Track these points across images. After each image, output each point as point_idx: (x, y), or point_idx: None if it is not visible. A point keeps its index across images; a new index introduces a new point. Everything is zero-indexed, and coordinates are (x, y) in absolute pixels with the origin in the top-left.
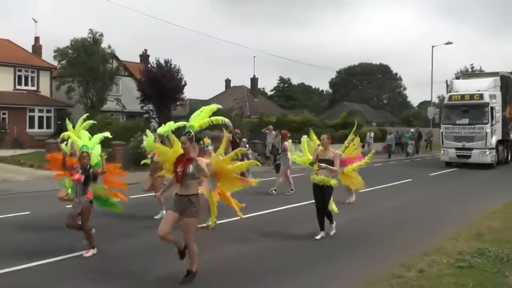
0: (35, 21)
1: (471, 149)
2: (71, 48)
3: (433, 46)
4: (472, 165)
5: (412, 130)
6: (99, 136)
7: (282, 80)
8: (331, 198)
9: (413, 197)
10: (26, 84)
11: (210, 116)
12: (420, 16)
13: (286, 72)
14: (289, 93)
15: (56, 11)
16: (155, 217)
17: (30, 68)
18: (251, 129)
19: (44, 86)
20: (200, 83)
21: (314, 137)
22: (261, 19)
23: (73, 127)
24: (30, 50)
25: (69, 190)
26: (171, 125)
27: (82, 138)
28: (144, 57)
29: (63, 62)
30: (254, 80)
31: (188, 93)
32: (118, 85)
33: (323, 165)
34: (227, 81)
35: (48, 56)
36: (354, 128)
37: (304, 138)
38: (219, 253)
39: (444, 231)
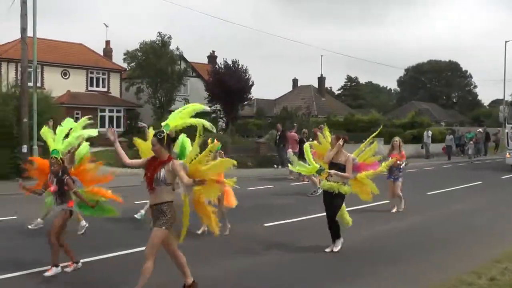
0: (106, 26)
1: None
2: (140, 50)
3: (506, 42)
4: None
5: (480, 129)
6: (75, 136)
7: (349, 79)
8: (343, 208)
9: (482, 201)
10: (97, 86)
11: (192, 117)
12: (492, 10)
13: (354, 70)
14: (356, 92)
15: (126, 16)
16: (135, 215)
17: (101, 70)
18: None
19: (114, 87)
20: (267, 83)
21: (328, 134)
22: (328, 17)
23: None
24: (101, 53)
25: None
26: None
27: (56, 139)
28: (212, 58)
29: (133, 64)
30: (321, 79)
31: (255, 93)
32: (186, 86)
33: (332, 171)
34: (295, 81)
35: (118, 58)
36: (378, 131)
37: (307, 145)
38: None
39: None
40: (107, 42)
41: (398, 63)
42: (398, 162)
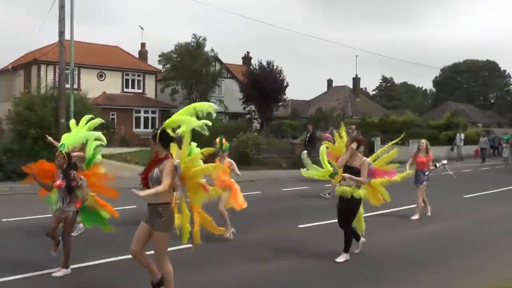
0: (142, 29)
1: None
2: (175, 52)
3: None
4: None
5: None
6: (83, 133)
7: (384, 79)
8: (361, 213)
9: None
10: (133, 87)
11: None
12: None
13: (389, 71)
14: (391, 93)
15: (161, 18)
16: None
17: (136, 72)
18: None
19: (150, 88)
20: (302, 84)
21: (344, 133)
22: (363, 17)
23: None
24: (137, 56)
25: (54, 207)
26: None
27: (68, 136)
28: (247, 59)
29: (168, 66)
30: (356, 80)
31: (290, 94)
32: (220, 87)
33: (347, 175)
34: (329, 81)
35: (153, 60)
36: (400, 137)
37: (323, 148)
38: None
39: None
40: (143, 45)
41: (434, 63)
42: (430, 165)
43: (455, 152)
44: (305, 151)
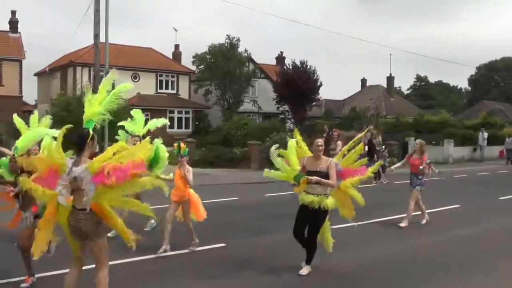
0: (176, 30)
1: None
2: (209, 53)
3: None
4: None
5: None
6: (35, 132)
7: (418, 78)
8: (327, 226)
9: None
10: (166, 88)
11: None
12: None
13: (423, 69)
14: (426, 92)
15: (195, 19)
16: (146, 229)
17: (170, 73)
18: (386, 129)
19: (183, 89)
20: (335, 83)
21: (299, 138)
22: (397, 15)
23: None
24: (171, 57)
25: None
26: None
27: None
28: (280, 59)
29: (201, 66)
30: (390, 79)
31: (324, 93)
32: (254, 87)
33: (314, 178)
34: (363, 81)
35: (187, 61)
36: (364, 132)
37: (292, 143)
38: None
39: None
40: (176, 46)
41: (470, 61)
42: (420, 167)
43: (479, 153)
44: (274, 146)
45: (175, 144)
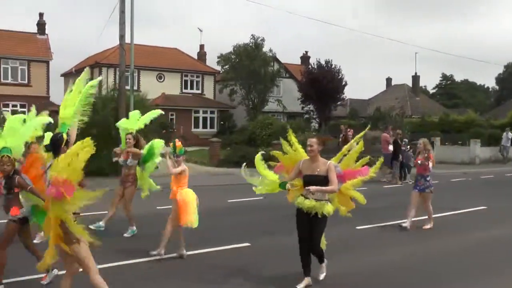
0: (201, 31)
1: None
2: (234, 53)
3: None
4: None
5: None
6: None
7: (444, 77)
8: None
9: None
10: (191, 88)
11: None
12: None
13: (449, 68)
14: (452, 91)
15: (220, 19)
16: (125, 235)
17: (195, 73)
18: (412, 129)
19: (208, 89)
20: (360, 83)
21: (294, 139)
22: (423, 13)
23: None
24: (196, 57)
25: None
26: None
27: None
28: (305, 58)
29: (226, 66)
30: (415, 78)
31: (349, 93)
32: (279, 87)
33: (313, 188)
34: (388, 80)
35: (212, 61)
36: (364, 132)
37: (258, 156)
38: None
39: None
40: (201, 46)
41: (497, 59)
42: (419, 162)
43: (501, 155)
44: (260, 153)
45: (171, 143)
